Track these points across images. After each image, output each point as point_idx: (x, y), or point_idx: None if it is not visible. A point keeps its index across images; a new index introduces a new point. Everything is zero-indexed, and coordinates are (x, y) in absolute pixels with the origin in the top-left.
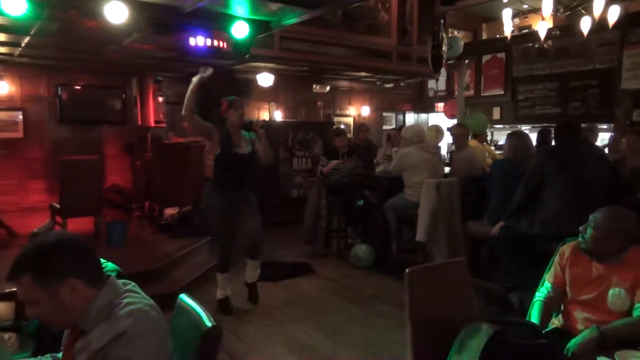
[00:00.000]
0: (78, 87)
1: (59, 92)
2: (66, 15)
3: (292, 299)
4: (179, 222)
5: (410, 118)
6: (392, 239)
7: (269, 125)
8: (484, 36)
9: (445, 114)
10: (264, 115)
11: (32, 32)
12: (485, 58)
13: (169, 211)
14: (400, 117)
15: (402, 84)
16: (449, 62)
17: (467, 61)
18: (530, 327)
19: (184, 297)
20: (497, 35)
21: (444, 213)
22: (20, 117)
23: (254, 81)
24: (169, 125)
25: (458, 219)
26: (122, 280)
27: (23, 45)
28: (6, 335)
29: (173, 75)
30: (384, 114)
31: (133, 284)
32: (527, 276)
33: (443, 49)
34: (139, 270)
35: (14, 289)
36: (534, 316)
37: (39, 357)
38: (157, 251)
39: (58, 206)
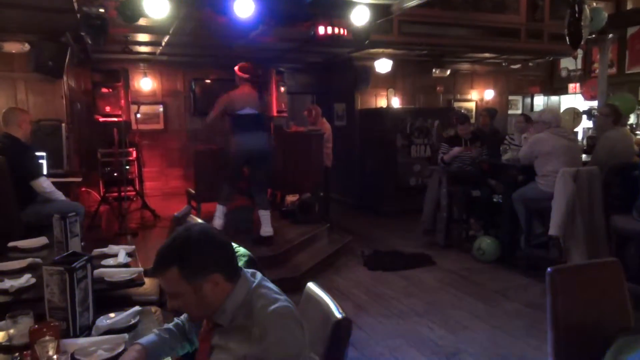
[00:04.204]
0: (209, 81)
1: (193, 87)
2: (200, 13)
3: (412, 291)
4: (300, 209)
5: (540, 101)
6: (521, 232)
7: (387, 112)
8: (629, 6)
9: (584, 96)
10: (382, 103)
11: (171, 32)
12: (631, 31)
13: (290, 198)
14: (528, 100)
15: (530, 64)
16: (589, 37)
17: (610, 35)
18: None
19: (313, 286)
20: None
21: (582, 205)
22: (161, 109)
23: (372, 68)
24: (289, 114)
25: (599, 213)
26: (249, 271)
27: (163, 44)
28: (152, 309)
29: (294, 65)
30: (510, 97)
31: (260, 275)
32: None
33: (583, 22)
34: (264, 255)
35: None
36: None
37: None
38: (279, 237)
39: (193, 192)
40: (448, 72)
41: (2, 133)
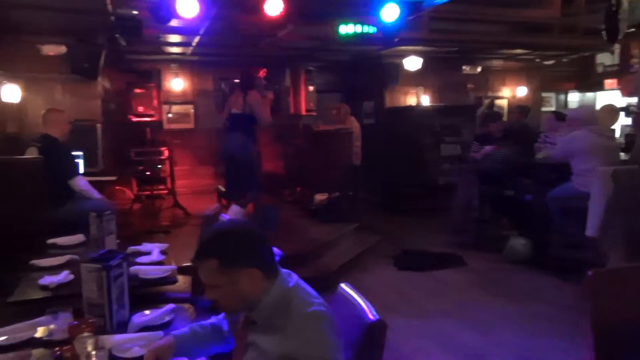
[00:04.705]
0: (237, 81)
1: (222, 86)
2: (230, 13)
3: (440, 291)
4: (328, 208)
5: (574, 98)
6: (554, 232)
7: (416, 110)
8: None
9: (622, 92)
10: (411, 101)
11: (201, 32)
12: None
13: (319, 197)
14: (562, 97)
15: (564, 59)
16: (628, 30)
17: None
18: None
19: (346, 287)
20: None
21: (620, 205)
22: (192, 109)
23: (401, 65)
24: (318, 113)
25: (639, 213)
26: (285, 271)
27: (194, 44)
28: (185, 306)
29: (322, 64)
30: (543, 94)
31: (296, 276)
32: None
33: (621, 15)
34: (292, 253)
35: (190, 264)
36: None
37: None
38: (308, 235)
39: (223, 189)
40: (479, 69)
41: (41, 134)
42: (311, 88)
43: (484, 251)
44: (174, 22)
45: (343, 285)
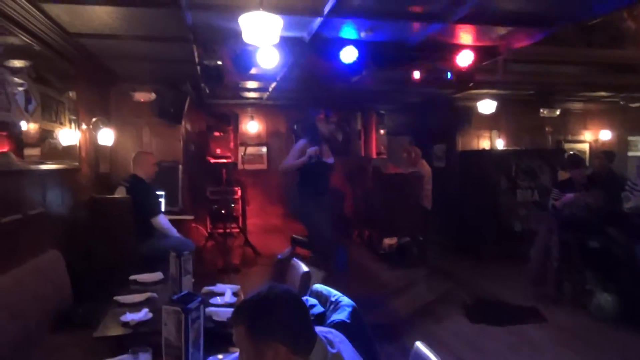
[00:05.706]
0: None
1: (295, 128)
2: (307, 60)
3: (520, 348)
4: (398, 253)
5: None
6: None
7: (490, 153)
8: None
9: None
10: (484, 144)
11: (278, 78)
12: None
13: (388, 241)
14: None
15: None
16: None
17: None
18: None
19: (422, 347)
20: None
21: None
22: (265, 150)
23: (474, 108)
24: (388, 155)
25: None
26: (328, 336)
27: (270, 89)
28: None
29: (393, 107)
30: (630, 138)
31: (340, 339)
32: None
33: None
34: (361, 299)
35: None
36: None
37: None
38: (378, 280)
39: (296, 236)
40: (558, 111)
41: (131, 174)
42: (382, 131)
43: (566, 306)
44: (253, 70)
45: (418, 344)
